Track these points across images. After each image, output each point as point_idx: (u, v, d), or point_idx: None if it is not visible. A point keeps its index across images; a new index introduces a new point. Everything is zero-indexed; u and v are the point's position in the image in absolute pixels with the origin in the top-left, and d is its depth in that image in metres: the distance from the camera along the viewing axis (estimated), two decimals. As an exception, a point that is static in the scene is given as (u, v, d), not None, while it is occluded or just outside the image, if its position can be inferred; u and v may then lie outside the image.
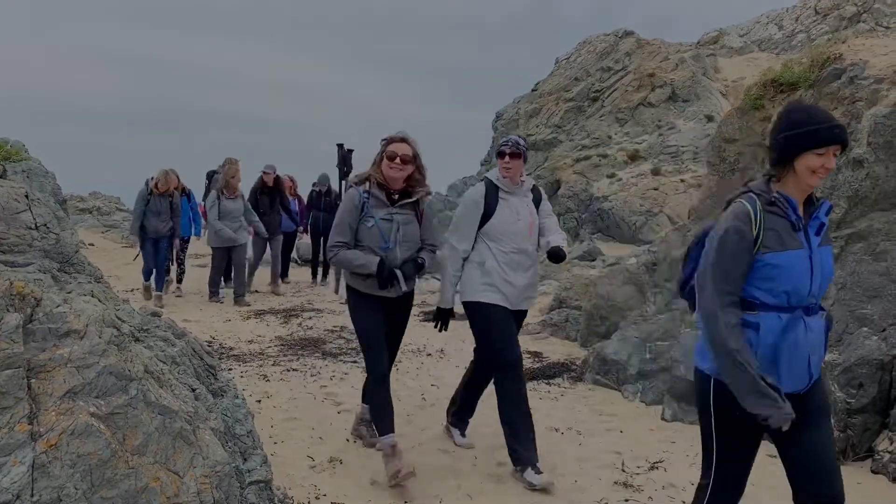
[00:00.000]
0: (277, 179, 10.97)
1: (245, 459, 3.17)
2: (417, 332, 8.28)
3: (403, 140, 4.09)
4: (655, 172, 16.18)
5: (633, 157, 17.05)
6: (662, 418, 5.40)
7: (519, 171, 4.40)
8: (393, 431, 4.06)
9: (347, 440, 4.65)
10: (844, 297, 4.86)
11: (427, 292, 11.77)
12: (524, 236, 4.36)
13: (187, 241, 10.78)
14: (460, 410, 4.82)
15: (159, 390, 2.70)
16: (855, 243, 4.94)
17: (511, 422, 4.28)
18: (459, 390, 4.85)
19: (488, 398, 5.75)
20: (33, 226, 3.39)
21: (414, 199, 4.18)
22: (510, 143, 4.37)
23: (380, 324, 4.18)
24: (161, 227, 9.48)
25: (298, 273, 13.25)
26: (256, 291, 10.64)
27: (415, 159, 4.10)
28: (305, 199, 12.31)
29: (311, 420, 4.98)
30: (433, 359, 7.04)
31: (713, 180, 6.62)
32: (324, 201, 12.00)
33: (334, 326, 8.29)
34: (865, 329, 4.69)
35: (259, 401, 5.26)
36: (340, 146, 6.44)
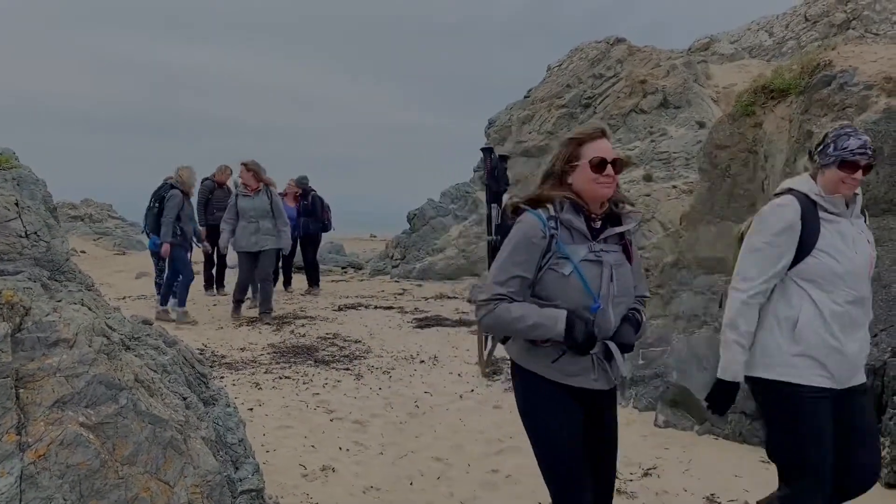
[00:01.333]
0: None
1: (237, 468, 3.15)
2: (410, 338, 8.27)
3: (604, 134, 2.65)
4: (647, 179, 16.22)
5: (625, 164, 17.08)
6: (655, 424, 5.39)
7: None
8: None
9: (340, 448, 4.63)
10: (836, 302, 4.88)
11: (420, 298, 11.76)
12: (863, 278, 2.90)
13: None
14: None
15: (150, 399, 2.68)
16: (846, 249, 4.96)
17: None
18: None
19: (482, 405, 5.75)
20: (23, 234, 3.37)
21: (626, 227, 2.67)
22: (867, 151, 2.84)
23: (578, 435, 2.61)
24: (192, 233, 8.82)
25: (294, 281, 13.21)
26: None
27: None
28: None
29: (304, 428, 4.96)
30: (426, 366, 7.03)
31: (705, 187, 6.64)
32: (301, 205, 11.50)
33: (327, 334, 8.27)
34: (857, 334, 4.71)
35: (251, 409, 5.24)
36: (488, 151, 4.79)
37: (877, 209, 4.91)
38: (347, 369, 6.65)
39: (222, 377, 6.06)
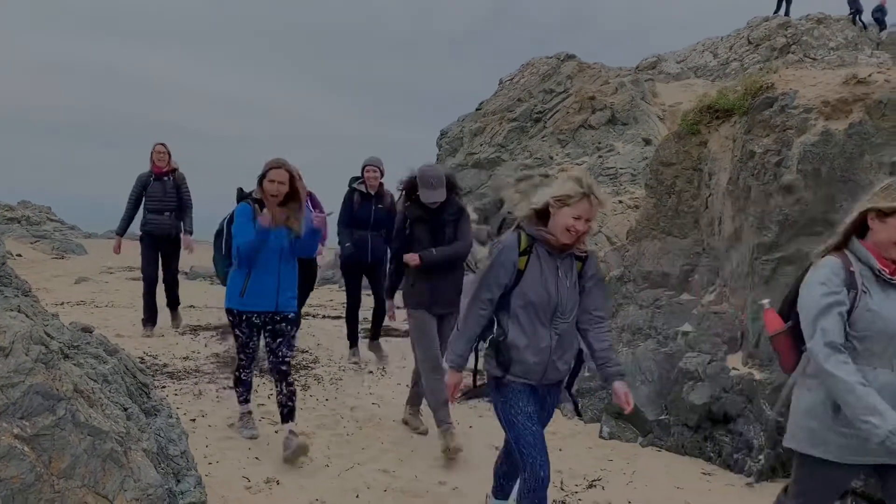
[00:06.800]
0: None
1: (178, 481, 3.08)
2: (359, 348, 8.20)
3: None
4: (595, 193, 16.49)
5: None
6: (600, 436, 5.46)
7: None
8: None
9: (284, 460, 4.56)
10: (775, 318, 5.01)
11: (369, 308, 11.66)
12: None
13: None
14: None
15: (89, 410, 2.60)
16: (785, 266, 5.12)
17: None
18: None
19: (430, 417, 5.73)
20: (-43, 237, 3.25)
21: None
22: None
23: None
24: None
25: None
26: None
27: None
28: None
29: (248, 440, 4.87)
30: (374, 376, 6.98)
31: (651, 202, 6.78)
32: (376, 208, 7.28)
33: (273, 343, 8.13)
34: (794, 349, 4.85)
35: (193, 420, 5.12)
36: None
37: (813, 230, 5.07)
38: (294, 380, 6.55)
39: (164, 387, 5.90)
